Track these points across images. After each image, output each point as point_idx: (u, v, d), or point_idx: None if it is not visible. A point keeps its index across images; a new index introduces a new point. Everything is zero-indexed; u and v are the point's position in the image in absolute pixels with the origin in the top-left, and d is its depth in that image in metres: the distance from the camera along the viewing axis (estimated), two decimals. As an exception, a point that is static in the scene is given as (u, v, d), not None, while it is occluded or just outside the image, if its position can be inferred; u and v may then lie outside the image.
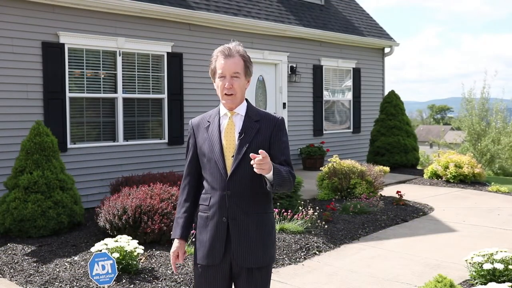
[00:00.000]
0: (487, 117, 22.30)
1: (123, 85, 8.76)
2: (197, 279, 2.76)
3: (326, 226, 6.60)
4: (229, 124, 2.68)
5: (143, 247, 5.02)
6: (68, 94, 8.08)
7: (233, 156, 2.63)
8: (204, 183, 2.74)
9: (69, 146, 8.09)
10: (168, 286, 4.72)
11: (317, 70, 12.50)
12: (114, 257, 4.30)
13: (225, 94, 2.64)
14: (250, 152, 2.53)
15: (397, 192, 8.60)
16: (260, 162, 2.42)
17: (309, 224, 6.47)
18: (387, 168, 10.55)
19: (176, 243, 2.76)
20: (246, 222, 2.64)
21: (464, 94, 22.60)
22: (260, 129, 2.66)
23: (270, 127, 2.67)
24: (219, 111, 2.74)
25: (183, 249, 2.77)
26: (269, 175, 2.50)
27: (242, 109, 2.70)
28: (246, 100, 2.76)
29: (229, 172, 2.62)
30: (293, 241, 5.97)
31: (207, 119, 2.75)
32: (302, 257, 5.63)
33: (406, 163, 12.30)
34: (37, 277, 4.98)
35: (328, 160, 9.27)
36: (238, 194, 2.63)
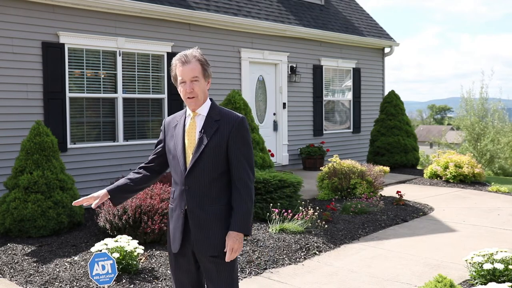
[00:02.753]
0: (486, 117, 22.33)
1: (123, 85, 8.77)
2: (170, 264, 3.03)
3: (326, 226, 6.60)
4: (191, 124, 2.89)
5: (143, 247, 5.02)
6: (68, 94, 8.08)
7: (193, 153, 2.84)
8: (172, 177, 2.97)
9: (69, 146, 8.10)
10: (168, 286, 4.72)
11: (317, 70, 12.50)
12: (114, 257, 4.30)
13: (188, 97, 2.85)
14: (207, 151, 2.80)
15: (397, 192, 8.60)
16: (233, 254, 2.76)
17: (309, 224, 6.47)
18: (387, 168, 10.55)
19: (102, 191, 2.97)
20: (203, 214, 2.82)
21: (463, 94, 22.65)
22: (219, 128, 2.83)
23: (229, 126, 2.83)
24: (185, 112, 2.97)
25: (102, 200, 2.96)
26: (243, 233, 2.80)
27: (204, 110, 2.89)
28: (211, 99, 2.94)
29: (188, 168, 2.83)
30: (293, 241, 5.97)
31: (176, 119, 2.98)
32: (302, 257, 5.63)
33: (406, 163, 12.29)
34: (37, 277, 4.98)
35: (328, 160, 9.28)
36: (195, 189, 2.82)
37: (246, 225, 2.80)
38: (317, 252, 5.81)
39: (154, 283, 4.77)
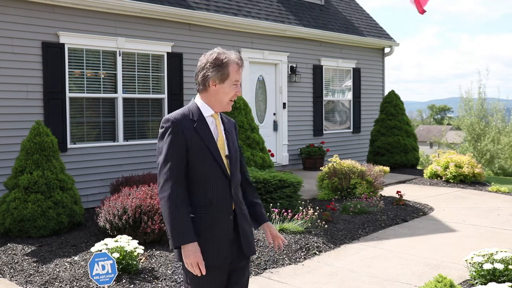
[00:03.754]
0: (486, 117, 22.34)
1: (123, 85, 8.77)
2: (200, 282, 2.66)
3: (326, 226, 6.60)
4: (218, 125, 2.78)
5: (143, 247, 5.02)
6: (68, 94, 8.09)
7: (227, 156, 2.75)
8: (195, 184, 2.68)
9: (69, 146, 8.10)
10: (168, 286, 4.72)
11: (317, 70, 12.50)
12: (114, 257, 4.30)
13: (231, 100, 2.77)
14: (237, 151, 2.83)
15: (397, 192, 8.60)
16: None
17: (309, 224, 6.47)
18: (387, 168, 10.55)
19: (196, 247, 2.59)
20: (244, 215, 2.82)
21: (462, 94, 22.66)
22: (231, 129, 2.89)
23: (234, 127, 2.94)
24: (198, 112, 2.72)
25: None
26: None
27: None
28: None
29: (229, 172, 2.74)
30: (293, 241, 5.97)
31: (190, 119, 2.69)
32: (302, 257, 5.63)
33: (406, 163, 12.29)
34: (37, 277, 4.98)
35: (328, 160, 9.27)
36: (236, 191, 2.78)
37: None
38: (317, 252, 5.81)
39: (154, 283, 4.77)
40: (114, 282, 4.68)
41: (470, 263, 4.84)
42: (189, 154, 2.65)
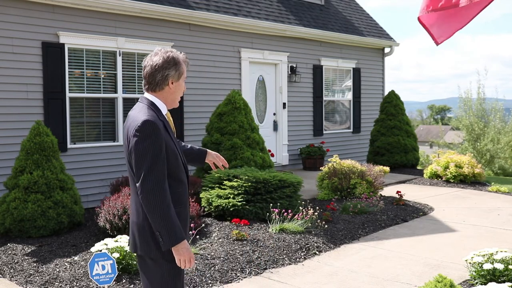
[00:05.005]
0: (485, 117, 22.33)
1: (123, 85, 8.77)
2: (177, 273, 2.74)
3: (326, 226, 6.60)
4: (171, 122, 2.86)
5: (143, 247, 5.01)
6: (68, 94, 8.09)
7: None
8: (173, 181, 2.74)
9: (69, 146, 8.09)
10: (168, 286, 4.72)
11: (317, 70, 12.50)
12: (114, 257, 4.30)
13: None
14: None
15: (397, 192, 8.60)
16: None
17: (309, 224, 6.47)
18: (387, 168, 10.55)
19: (187, 243, 2.67)
20: None
21: (461, 94, 22.66)
22: None
23: None
24: (160, 110, 2.77)
25: None
26: None
27: None
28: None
29: (184, 165, 2.87)
30: (293, 241, 5.97)
31: (159, 118, 2.72)
32: (302, 257, 5.63)
33: (406, 163, 12.29)
34: (37, 277, 4.98)
35: (328, 160, 9.28)
36: None
37: None
38: (317, 252, 5.81)
39: (154, 283, 4.77)
40: (114, 282, 4.68)
41: (470, 263, 4.84)
42: (168, 153, 2.71)
